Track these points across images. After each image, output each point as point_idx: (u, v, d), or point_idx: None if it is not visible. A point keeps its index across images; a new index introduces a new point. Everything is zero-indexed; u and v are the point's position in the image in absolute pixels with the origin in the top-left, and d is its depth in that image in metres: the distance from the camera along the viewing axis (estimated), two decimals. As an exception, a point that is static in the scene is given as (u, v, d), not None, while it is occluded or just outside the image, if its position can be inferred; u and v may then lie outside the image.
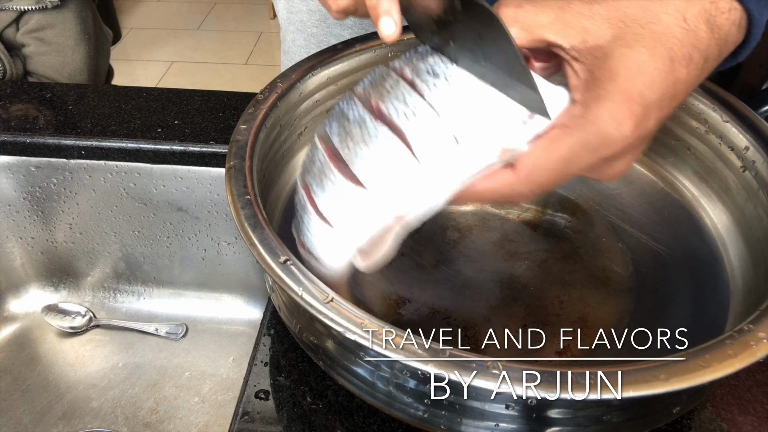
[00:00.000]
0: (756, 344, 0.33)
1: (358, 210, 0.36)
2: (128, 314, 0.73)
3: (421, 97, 0.35)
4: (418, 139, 0.34)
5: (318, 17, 0.69)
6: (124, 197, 0.67)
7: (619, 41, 0.32)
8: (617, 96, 0.32)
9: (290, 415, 0.46)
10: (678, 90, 0.33)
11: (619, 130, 0.32)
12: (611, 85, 0.32)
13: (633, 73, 0.32)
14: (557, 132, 0.34)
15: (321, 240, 0.38)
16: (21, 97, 0.70)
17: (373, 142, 0.35)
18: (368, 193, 0.35)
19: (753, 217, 0.48)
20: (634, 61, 0.32)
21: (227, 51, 2.76)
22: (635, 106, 0.32)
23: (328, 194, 0.36)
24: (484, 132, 0.34)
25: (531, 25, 0.33)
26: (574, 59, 0.33)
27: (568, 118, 0.34)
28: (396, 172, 0.35)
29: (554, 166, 0.34)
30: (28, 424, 0.63)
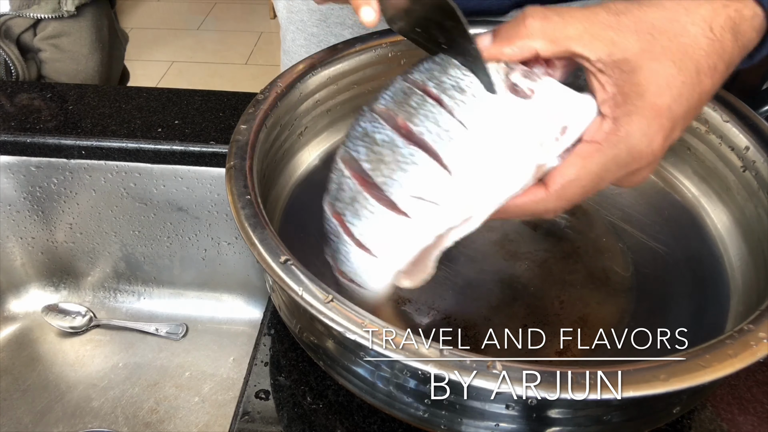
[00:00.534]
0: (756, 344, 0.33)
1: (401, 237, 0.35)
2: (128, 314, 0.73)
3: (450, 115, 0.34)
4: (454, 160, 0.34)
5: (318, 17, 0.69)
6: (125, 197, 0.67)
7: (646, 54, 0.32)
8: (647, 112, 0.32)
9: (290, 415, 0.46)
10: (702, 100, 0.33)
11: (651, 147, 0.33)
12: (641, 101, 0.32)
13: (662, 88, 0.32)
14: (589, 148, 0.34)
15: (363, 268, 0.37)
16: (21, 97, 0.70)
17: (409, 166, 0.34)
18: (411, 220, 0.35)
19: (753, 217, 0.48)
20: (662, 76, 0.32)
21: (227, 51, 2.76)
22: (665, 121, 0.32)
23: (365, 223, 0.36)
24: (519, 152, 0.34)
25: (558, 37, 0.33)
26: (600, 72, 0.33)
27: (599, 134, 0.34)
28: (436, 197, 0.34)
29: (586, 183, 0.34)
30: (29, 424, 0.63)
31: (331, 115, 0.57)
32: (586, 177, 0.34)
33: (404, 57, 0.57)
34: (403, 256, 0.36)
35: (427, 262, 0.38)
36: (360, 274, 0.38)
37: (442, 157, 0.34)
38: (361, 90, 0.58)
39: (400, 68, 0.58)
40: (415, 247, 0.36)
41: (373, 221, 0.36)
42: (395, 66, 0.57)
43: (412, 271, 0.38)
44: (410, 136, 0.35)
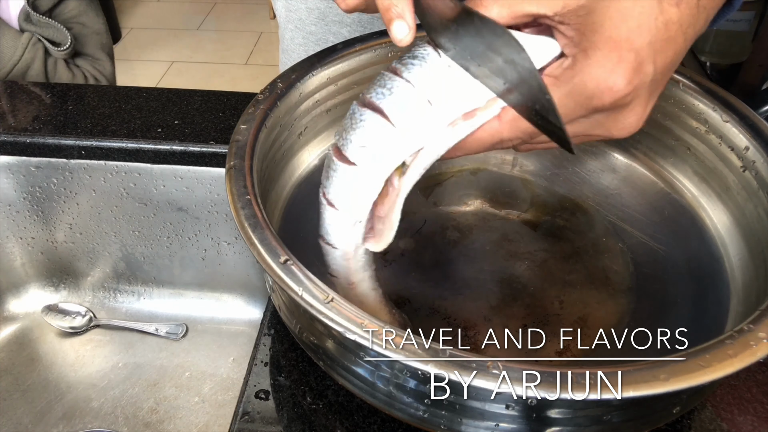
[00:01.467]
0: (756, 344, 0.33)
1: (352, 186, 0.38)
2: (128, 314, 0.73)
3: (399, 77, 0.37)
4: (392, 108, 0.37)
5: (316, 15, 0.69)
6: (124, 197, 0.67)
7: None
8: (604, 45, 0.32)
9: (290, 415, 0.46)
10: (672, 31, 0.32)
11: (612, 78, 0.32)
12: (596, 36, 0.32)
13: (617, 20, 0.31)
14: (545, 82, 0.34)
15: (330, 225, 0.41)
16: (21, 97, 0.70)
17: (358, 125, 0.38)
18: (357, 168, 0.38)
19: (753, 217, 0.48)
20: (617, 10, 0.31)
21: (227, 51, 2.76)
22: (624, 53, 0.32)
23: (331, 182, 0.39)
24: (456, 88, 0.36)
25: (512, 2, 0.33)
26: (560, 23, 0.33)
27: (557, 70, 0.34)
28: (375, 141, 0.37)
29: None
30: (28, 424, 0.63)
31: (331, 115, 0.57)
32: None
33: (404, 57, 0.57)
34: (358, 203, 0.39)
35: (391, 216, 0.40)
36: (329, 231, 0.41)
37: (384, 109, 0.37)
38: (361, 90, 0.57)
39: (400, 68, 0.58)
40: (366, 193, 0.38)
41: (335, 178, 0.39)
42: (395, 66, 0.57)
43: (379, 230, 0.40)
44: (366, 103, 0.38)
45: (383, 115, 0.37)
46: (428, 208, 0.58)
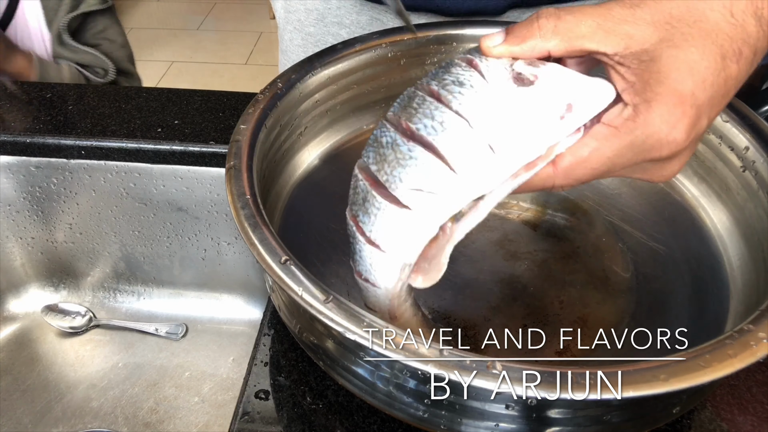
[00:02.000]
0: (756, 344, 0.33)
1: (404, 230, 0.36)
2: (128, 314, 0.73)
3: (448, 108, 0.34)
4: (450, 150, 0.34)
5: (315, 16, 0.69)
6: (124, 197, 0.67)
7: (666, 43, 0.31)
8: (669, 98, 0.31)
9: (290, 415, 0.46)
10: (729, 87, 0.32)
11: (673, 134, 0.32)
12: (661, 87, 0.31)
13: (684, 73, 0.31)
14: (605, 131, 0.33)
15: (374, 265, 0.38)
16: (21, 97, 0.70)
17: (408, 162, 0.35)
18: (412, 212, 0.35)
19: (753, 217, 0.48)
20: (684, 62, 0.31)
21: (227, 51, 2.76)
22: (687, 108, 0.31)
23: (374, 220, 0.37)
24: (519, 135, 0.34)
25: (571, 36, 0.33)
26: (619, 64, 0.33)
27: (617, 120, 0.33)
28: (434, 187, 0.35)
29: (596, 165, 0.34)
30: (28, 424, 0.63)
31: (330, 115, 0.57)
32: (597, 159, 0.34)
33: (404, 57, 0.57)
34: (409, 248, 0.36)
35: (439, 258, 0.38)
36: (372, 271, 0.38)
37: (438, 148, 0.34)
38: (361, 90, 0.58)
39: (400, 68, 0.58)
40: (419, 239, 0.36)
41: (380, 217, 0.36)
42: (395, 66, 0.57)
43: (425, 268, 0.38)
44: (411, 134, 0.36)
45: (439, 157, 0.34)
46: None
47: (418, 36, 0.56)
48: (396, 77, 0.58)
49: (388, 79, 0.58)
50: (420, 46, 0.57)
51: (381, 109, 0.60)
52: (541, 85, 0.34)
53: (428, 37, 0.57)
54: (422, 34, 0.57)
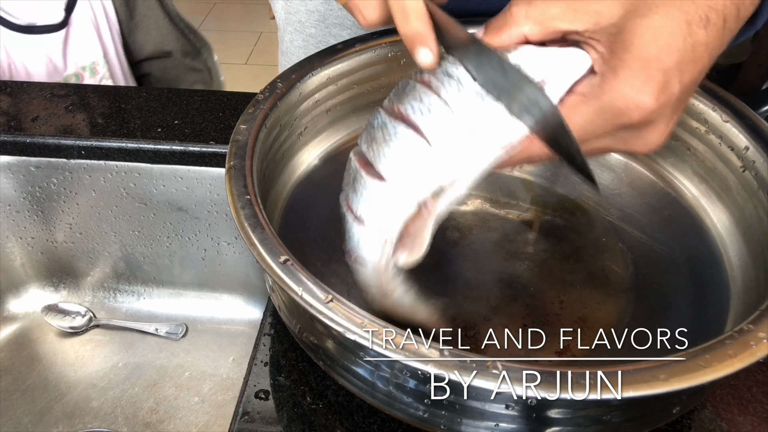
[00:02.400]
0: (756, 344, 0.33)
1: (383, 203, 0.37)
2: (128, 314, 0.73)
3: (436, 95, 0.36)
4: (432, 129, 0.36)
5: (316, 17, 0.69)
6: (124, 197, 0.67)
7: (631, 14, 0.32)
8: (633, 63, 0.32)
9: (290, 415, 0.46)
10: (699, 52, 0.33)
11: (639, 97, 0.32)
12: (626, 54, 0.32)
13: (647, 39, 0.32)
14: (574, 100, 0.35)
15: (359, 240, 0.39)
16: (21, 97, 0.70)
17: (392, 140, 0.37)
18: (389, 185, 0.37)
19: (753, 217, 0.48)
20: (647, 29, 0.32)
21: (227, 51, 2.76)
22: (653, 72, 0.32)
23: (359, 196, 0.38)
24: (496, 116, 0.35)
25: (543, 19, 0.34)
26: (591, 39, 0.34)
27: (586, 88, 0.34)
28: (412, 161, 0.36)
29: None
30: (28, 424, 0.63)
31: (330, 115, 0.57)
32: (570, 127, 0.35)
33: (404, 57, 0.57)
34: (388, 220, 0.38)
35: (423, 234, 0.39)
36: (359, 247, 0.40)
37: (421, 128, 0.36)
38: (361, 90, 0.58)
39: (400, 68, 0.58)
40: (397, 211, 0.37)
41: (365, 193, 0.38)
42: (395, 66, 0.57)
43: (409, 245, 0.39)
44: (399, 115, 0.37)
45: (420, 134, 0.36)
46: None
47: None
48: (396, 77, 0.58)
49: (388, 79, 0.58)
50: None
51: (381, 109, 0.60)
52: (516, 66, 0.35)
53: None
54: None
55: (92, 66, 0.94)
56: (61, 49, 0.91)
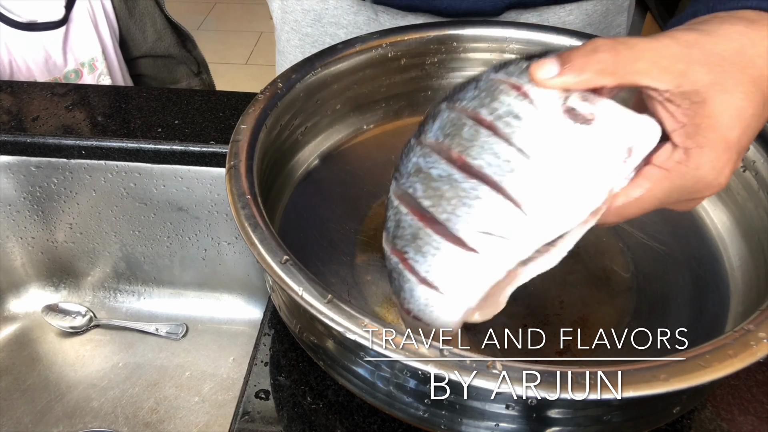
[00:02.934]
0: (756, 344, 0.33)
1: (470, 273, 0.34)
2: (128, 314, 0.73)
3: (508, 143, 0.33)
4: (520, 191, 0.33)
5: (312, 17, 0.68)
6: (125, 197, 0.67)
7: (717, 87, 0.32)
8: (719, 144, 0.32)
9: (290, 415, 0.46)
10: (762, 127, 0.34)
11: (719, 179, 0.33)
12: (713, 133, 0.32)
13: (734, 120, 0.32)
14: (658, 174, 0.34)
15: (430, 306, 0.36)
16: (22, 97, 0.70)
17: (473, 201, 0.33)
18: (478, 255, 0.34)
19: (753, 217, 0.48)
20: (734, 108, 0.32)
21: (227, 51, 2.76)
22: (733, 154, 0.33)
23: (431, 260, 0.35)
24: (588, 178, 0.33)
25: (628, 72, 0.32)
26: (669, 101, 0.33)
27: (669, 162, 0.34)
28: (504, 231, 0.33)
29: (646, 205, 0.35)
30: (29, 424, 0.63)
31: (331, 115, 0.57)
32: (648, 200, 0.35)
33: (404, 57, 0.57)
34: (474, 292, 0.35)
35: (498, 296, 0.37)
36: (427, 312, 0.37)
37: (506, 189, 0.33)
38: (361, 90, 0.58)
39: (400, 68, 0.58)
40: (486, 283, 0.35)
41: (439, 258, 0.35)
42: (395, 66, 0.57)
43: (482, 306, 0.37)
44: (468, 169, 0.34)
45: (509, 198, 0.33)
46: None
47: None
48: (396, 77, 0.58)
49: (389, 79, 0.58)
50: (420, 46, 0.57)
51: (381, 109, 0.60)
52: (600, 125, 0.33)
53: (428, 37, 0.57)
54: (422, 34, 0.57)
55: (91, 62, 0.94)
56: (61, 46, 0.91)
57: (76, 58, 0.93)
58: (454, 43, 0.58)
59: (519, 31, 0.58)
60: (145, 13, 0.99)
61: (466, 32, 0.58)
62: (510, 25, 0.58)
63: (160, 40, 1.01)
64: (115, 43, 0.98)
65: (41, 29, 0.89)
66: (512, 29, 0.58)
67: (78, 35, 0.93)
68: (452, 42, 0.58)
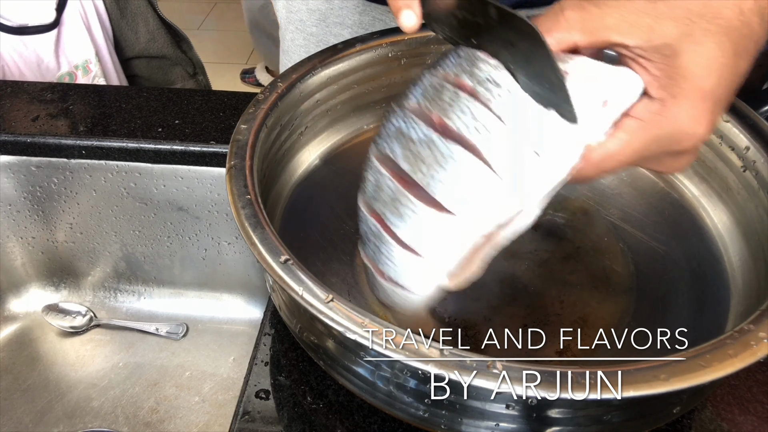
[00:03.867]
0: (756, 344, 0.33)
1: (447, 236, 0.34)
2: (129, 314, 0.73)
3: (487, 108, 0.33)
4: (496, 155, 0.33)
5: (317, 16, 0.69)
6: (125, 197, 0.67)
7: (687, 38, 0.32)
8: (693, 94, 0.32)
9: (290, 415, 0.46)
10: (737, 83, 0.33)
11: (696, 128, 0.33)
12: (686, 83, 0.32)
13: (705, 69, 0.32)
14: (634, 125, 0.34)
15: (408, 270, 0.36)
16: (21, 97, 0.70)
17: (449, 164, 0.33)
18: (455, 218, 0.34)
19: (753, 217, 0.48)
20: (705, 57, 0.32)
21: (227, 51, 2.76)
22: (709, 103, 0.33)
23: (409, 223, 0.35)
24: (561, 138, 0.33)
25: (597, 28, 0.33)
26: (640, 56, 0.33)
27: (645, 113, 0.34)
28: (480, 193, 0.33)
29: (624, 158, 0.35)
30: (29, 424, 0.63)
31: (331, 115, 0.57)
32: (626, 151, 0.34)
33: (404, 57, 0.57)
34: (452, 255, 0.35)
35: (474, 261, 0.37)
36: (405, 275, 0.37)
37: (482, 152, 0.33)
38: (361, 90, 0.58)
39: (400, 68, 0.58)
40: (463, 246, 0.35)
41: (417, 221, 0.35)
42: (395, 66, 0.57)
43: (459, 272, 0.37)
44: (447, 132, 0.34)
45: (483, 160, 0.33)
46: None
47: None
48: (396, 77, 0.58)
49: (389, 79, 0.58)
50: (420, 46, 0.57)
51: (381, 109, 0.60)
52: (573, 81, 0.33)
53: (428, 37, 0.57)
54: (422, 34, 0.57)
55: (85, 64, 0.94)
56: (53, 49, 0.91)
57: (69, 60, 0.93)
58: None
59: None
60: (137, 13, 0.99)
61: (467, 32, 0.58)
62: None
63: (153, 40, 1.01)
64: (108, 44, 0.97)
65: (32, 33, 0.89)
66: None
67: (70, 38, 0.92)
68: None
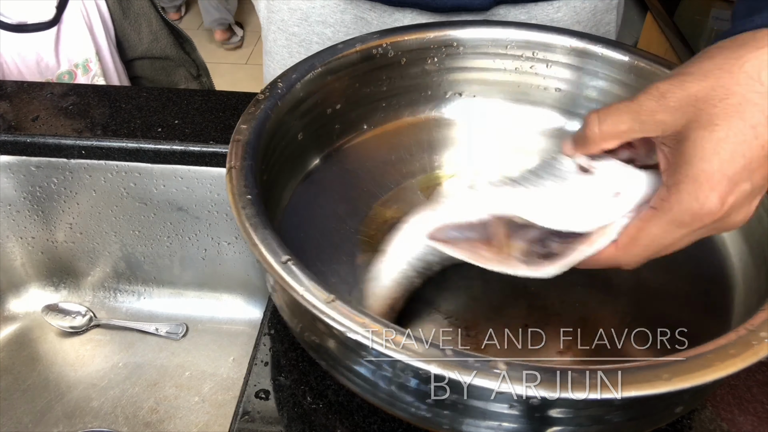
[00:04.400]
0: (757, 343, 0.33)
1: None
2: (128, 314, 0.73)
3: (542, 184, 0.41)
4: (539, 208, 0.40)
5: (299, 16, 0.68)
6: (125, 197, 0.67)
7: (693, 125, 0.34)
8: (695, 177, 0.34)
9: (291, 415, 0.46)
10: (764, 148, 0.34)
11: (706, 206, 0.34)
12: (689, 168, 0.34)
13: (708, 152, 0.33)
14: (647, 213, 0.37)
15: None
16: (21, 97, 0.70)
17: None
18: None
19: (753, 217, 0.48)
20: (709, 141, 0.33)
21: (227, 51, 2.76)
22: (716, 183, 0.34)
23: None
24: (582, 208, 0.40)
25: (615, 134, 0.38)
26: (663, 144, 0.36)
27: (657, 201, 0.37)
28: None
29: (647, 243, 0.38)
30: (29, 424, 0.63)
31: (331, 116, 0.57)
32: (646, 237, 0.37)
33: (404, 57, 0.57)
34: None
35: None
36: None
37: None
38: (361, 90, 0.58)
39: (400, 68, 0.58)
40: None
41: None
42: (395, 66, 0.57)
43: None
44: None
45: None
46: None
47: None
48: (396, 77, 0.58)
49: (389, 79, 0.58)
50: (420, 46, 0.57)
51: (381, 109, 0.60)
52: (596, 175, 0.40)
53: (428, 38, 0.57)
54: (422, 34, 0.57)
55: (85, 63, 0.94)
56: (53, 47, 0.91)
57: (69, 59, 0.93)
58: (454, 43, 0.58)
59: (519, 32, 0.58)
60: (140, 13, 0.99)
61: (467, 33, 0.58)
62: (510, 26, 0.58)
63: (156, 41, 1.01)
64: (110, 44, 0.97)
65: (32, 30, 0.89)
66: (513, 29, 0.58)
67: (70, 36, 0.92)
68: (453, 42, 0.58)
